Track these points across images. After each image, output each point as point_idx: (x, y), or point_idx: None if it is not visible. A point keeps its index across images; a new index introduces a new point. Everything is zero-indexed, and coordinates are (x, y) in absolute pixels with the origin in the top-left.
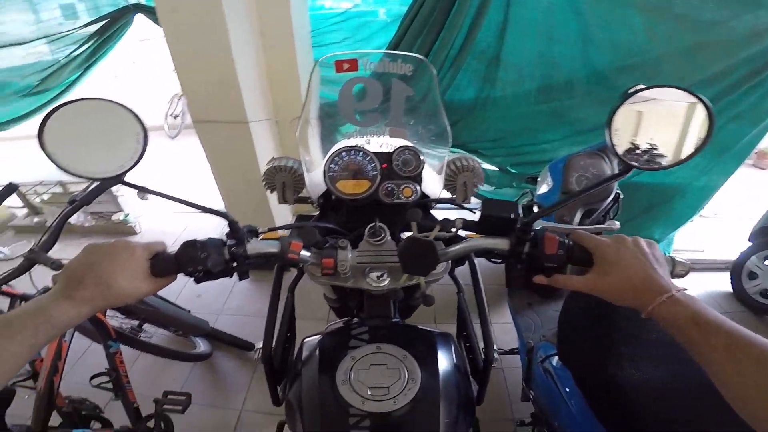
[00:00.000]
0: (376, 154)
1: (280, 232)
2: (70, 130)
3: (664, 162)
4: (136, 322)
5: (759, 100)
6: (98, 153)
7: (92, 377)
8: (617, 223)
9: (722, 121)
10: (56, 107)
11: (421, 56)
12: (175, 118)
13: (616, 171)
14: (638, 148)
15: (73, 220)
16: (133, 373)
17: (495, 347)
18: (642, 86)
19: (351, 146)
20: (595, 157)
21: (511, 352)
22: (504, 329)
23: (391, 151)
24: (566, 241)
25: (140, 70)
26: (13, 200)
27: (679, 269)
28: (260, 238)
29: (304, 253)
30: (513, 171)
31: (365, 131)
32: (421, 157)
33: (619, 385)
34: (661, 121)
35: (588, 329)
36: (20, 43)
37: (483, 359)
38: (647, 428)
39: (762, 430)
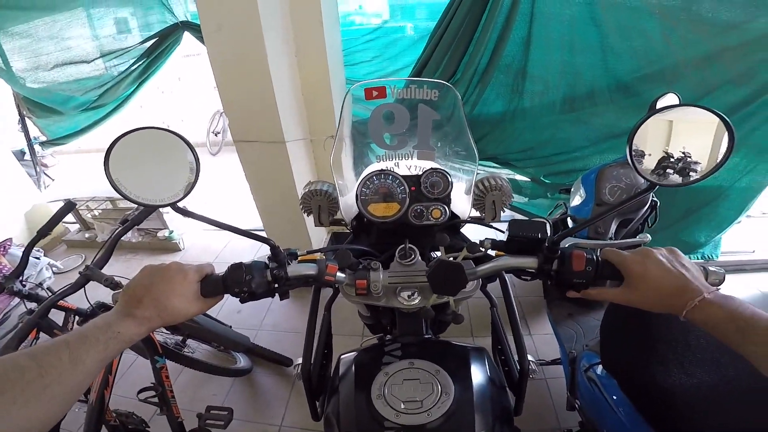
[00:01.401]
0: (405, 177)
1: (318, 255)
2: (131, 158)
3: (688, 179)
4: (180, 338)
5: None
6: (154, 180)
7: (139, 391)
8: (648, 236)
9: (758, 122)
10: (121, 135)
11: (445, 82)
12: (216, 135)
13: None
14: (662, 164)
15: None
16: (175, 388)
17: (535, 358)
18: (660, 107)
19: (381, 170)
20: (627, 166)
21: (554, 362)
22: (544, 340)
23: (419, 173)
24: (594, 257)
25: (185, 86)
26: (67, 216)
27: (713, 277)
28: (299, 260)
29: (340, 275)
30: (546, 181)
31: (394, 154)
32: (450, 179)
33: (668, 390)
34: (681, 140)
35: (631, 337)
36: (86, 61)
37: (518, 371)
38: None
39: None
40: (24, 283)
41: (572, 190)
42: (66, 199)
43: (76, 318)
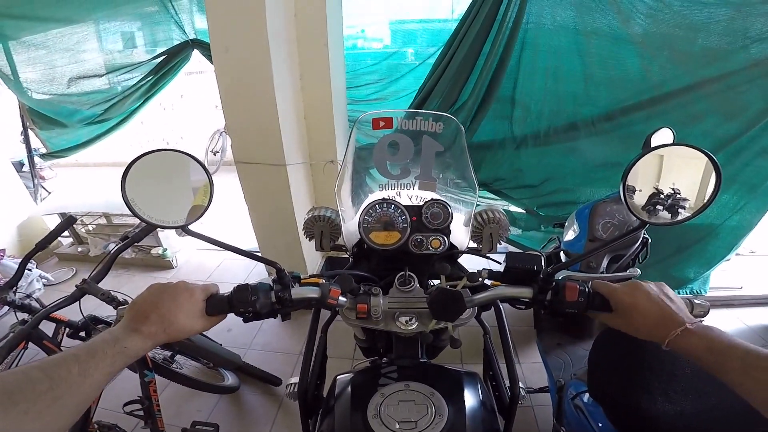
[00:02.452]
0: (406, 207)
1: (319, 279)
2: (146, 178)
3: (677, 217)
4: (169, 353)
5: None
6: (168, 201)
7: (125, 404)
8: (638, 270)
9: (748, 157)
10: (139, 156)
11: (449, 115)
12: (215, 154)
13: None
14: (652, 200)
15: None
16: (160, 401)
17: (523, 385)
18: (653, 146)
19: (384, 199)
20: (620, 203)
21: (541, 390)
22: (533, 369)
23: (421, 204)
24: (586, 289)
25: (187, 104)
26: None
27: (698, 310)
28: (302, 283)
29: (342, 298)
30: (540, 213)
31: (397, 183)
32: (450, 211)
33: (653, 418)
34: (672, 177)
35: (619, 366)
36: (98, 75)
37: (509, 396)
38: None
39: None
40: (17, 293)
41: (566, 224)
42: (62, 213)
43: (67, 330)
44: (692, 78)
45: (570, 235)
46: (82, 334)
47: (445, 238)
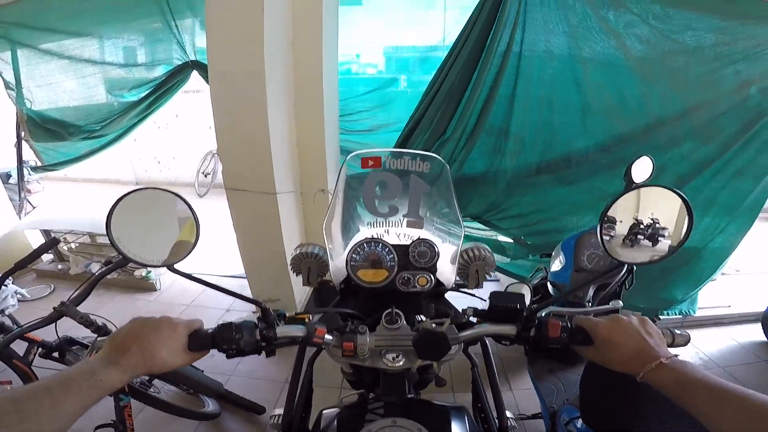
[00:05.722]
0: (394, 246)
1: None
2: (133, 216)
3: (653, 257)
4: (146, 377)
5: (755, 155)
6: (153, 239)
7: (97, 427)
8: (620, 303)
9: (724, 180)
10: (126, 194)
11: (437, 156)
12: (206, 176)
13: None
14: (633, 231)
15: (95, 270)
16: (135, 424)
17: (516, 413)
18: (632, 187)
19: (371, 238)
20: None
21: (534, 417)
22: (525, 395)
23: (408, 243)
24: (569, 324)
25: (181, 123)
26: (40, 241)
27: (678, 340)
28: (287, 319)
29: (328, 337)
30: (528, 242)
31: (385, 221)
32: (436, 250)
33: None
34: (651, 211)
35: (611, 391)
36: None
37: (497, 428)
38: None
39: None
40: None
41: (552, 255)
42: (45, 230)
43: (40, 350)
44: (684, 104)
45: (556, 265)
46: (56, 354)
47: (432, 276)
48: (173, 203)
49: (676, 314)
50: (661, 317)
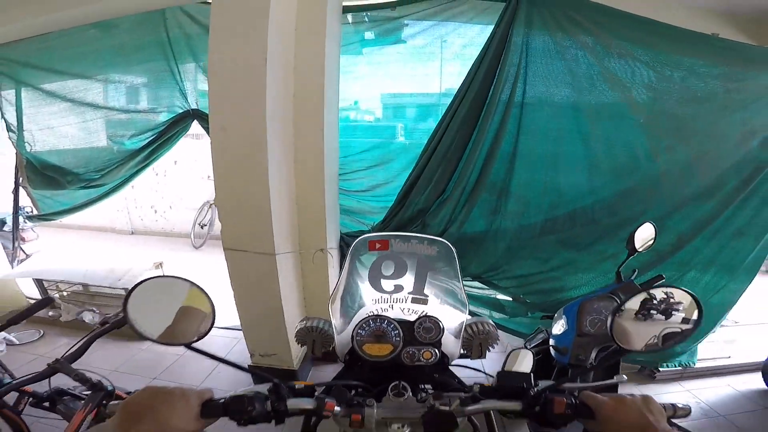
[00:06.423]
0: (399, 322)
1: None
2: (150, 298)
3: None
4: None
5: (755, 213)
6: (170, 320)
7: None
8: (624, 377)
9: (724, 240)
10: (143, 280)
11: (444, 240)
12: (202, 227)
13: None
14: (645, 306)
15: (87, 319)
16: None
17: None
18: (644, 290)
19: (377, 315)
20: (605, 300)
21: None
22: None
23: (413, 319)
24: (573, 401)
25: (180, 170)
26: (32, 290)
27: (680, 412)
28: (296, 389)
29: (337, 409)
30: (527, 300)
31: (390, 297)
32: (441, 326)
33: None
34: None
35: None
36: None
37: None
38: None
39: None
40: None
41: (554, 317)
42: (37, 279)
43: (30, 399)
44: (688, 156)
45: (558, 329)
46: (46, 404)
47: (437, 351)
48: (191, 291)
49: (676, 366)
50: (661, 369)
